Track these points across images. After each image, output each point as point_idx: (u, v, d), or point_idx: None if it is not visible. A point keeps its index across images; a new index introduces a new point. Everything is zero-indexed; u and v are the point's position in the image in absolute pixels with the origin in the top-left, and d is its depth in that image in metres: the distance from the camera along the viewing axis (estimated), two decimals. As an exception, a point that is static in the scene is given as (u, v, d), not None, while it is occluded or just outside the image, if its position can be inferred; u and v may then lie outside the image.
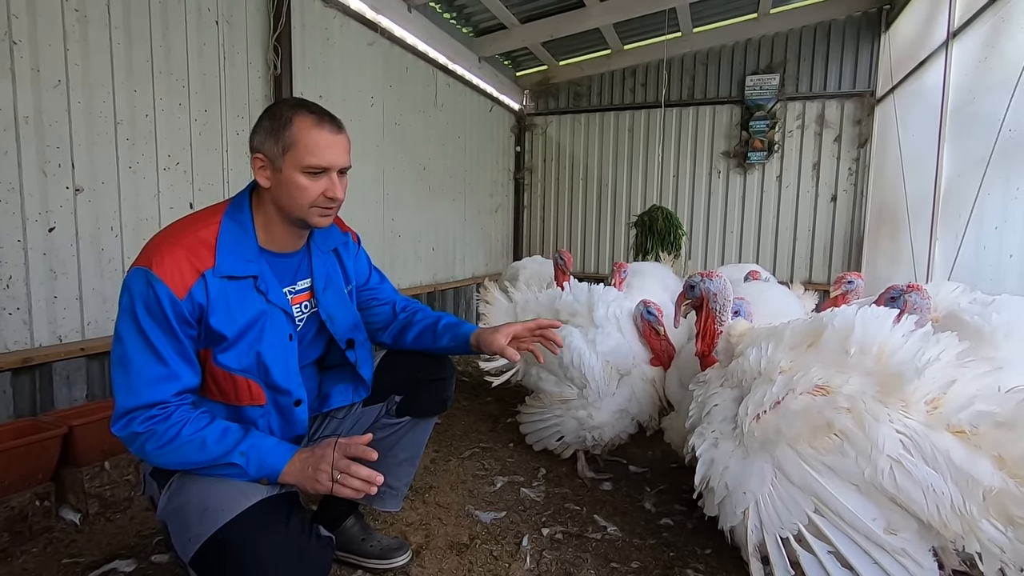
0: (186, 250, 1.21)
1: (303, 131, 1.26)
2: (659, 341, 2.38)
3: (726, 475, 1.47)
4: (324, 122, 1.29)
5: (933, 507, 1.18)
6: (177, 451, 1.17)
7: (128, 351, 1.18)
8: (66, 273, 2.37)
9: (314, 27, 3.61)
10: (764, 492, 1.39)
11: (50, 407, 2.32)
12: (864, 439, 1.25)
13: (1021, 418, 1.16)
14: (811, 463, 1.33)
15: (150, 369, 1.18)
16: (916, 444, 1.22)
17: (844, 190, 5.74)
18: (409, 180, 4.77)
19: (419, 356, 1.67)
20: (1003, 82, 2.94)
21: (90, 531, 1.97)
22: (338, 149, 1.30)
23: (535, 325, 1.60)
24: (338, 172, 1.32)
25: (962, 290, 2.33)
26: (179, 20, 2.77)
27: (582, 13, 5.27)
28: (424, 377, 1.64)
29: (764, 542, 1.38)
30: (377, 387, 1.62)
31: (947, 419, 1.24)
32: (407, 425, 1.67)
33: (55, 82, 2.29)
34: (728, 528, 1.51)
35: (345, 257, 1.58)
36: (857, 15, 5.52)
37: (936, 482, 1.18)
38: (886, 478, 1.22)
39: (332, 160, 1.29)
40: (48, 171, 2.29)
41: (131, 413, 1.17)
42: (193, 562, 1.13)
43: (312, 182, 1.28)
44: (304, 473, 1.19)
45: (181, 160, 2.82)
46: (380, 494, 1.74)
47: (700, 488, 1.57)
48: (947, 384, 1.27)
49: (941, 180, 3.73)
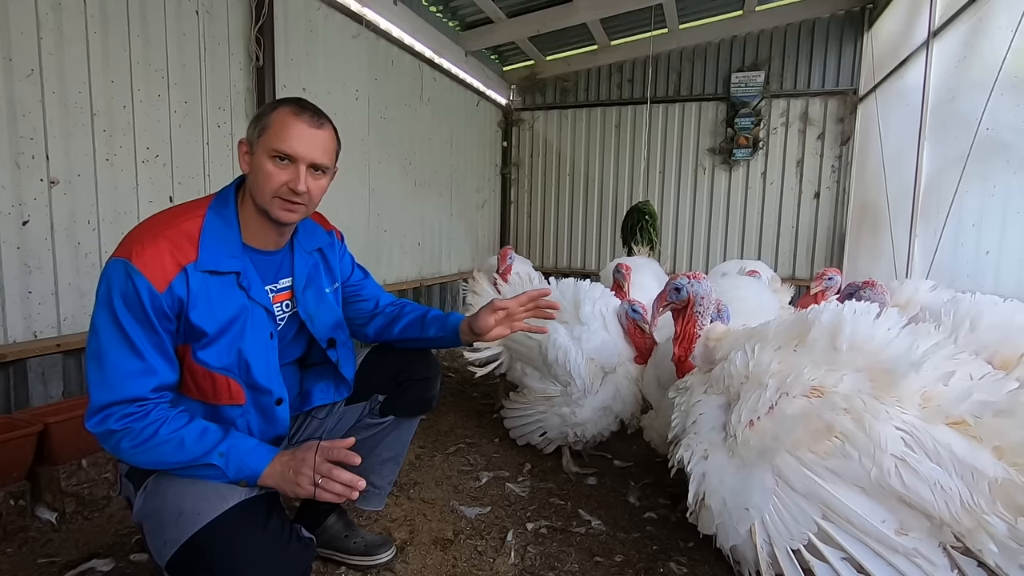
0: (168, 242, 1.19)
1: (279, 116, 1.25)
2: (644, 339, 2.39)
3: (722, 490, 1.40)
4: (303, 113, 1.26)
5: (943, 503, 1.15)
6: (154, 450, 1.14)
7: (104, 344, 1.14)
8: (41, 268, 2.32)
9: (297, 19, 3.56)
10: (769, 505, 1.32)
11: (25, 404, 2.26)
12: (866, 440, 1.22)
13: (1017, 405, 1.16)
14: (814, 469, 1.29)
15: (126, 363, 1.14)
16: (918, 440, 1.19)
17: (827, 187, 5.81)
18: (395, 175, 4.73)
19: (403, 354, 1.65)
20: (981, 82, 2.99)
21: (67, 530, 1.93)
22: (309, 141, 1.25)
23: (526, 298, 1.55)
24: (311, 168, 1.28)
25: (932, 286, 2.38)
26: (158, 10, 2.71)
27: (569, 8, 5.26)
28: (408, 376, 1.61)
29: (775, 557, 1.33)
30: (360, 385, 1.60)
31: (945, 411, 1.21)
32: (391, 424, 1.65)
33: (28, 71, 2.23)
34: (728, 547, 1.43)
35: (330, 257, 1.56)
36: (841, 14, 5.58)
37: (942, 477, 1.16)
38: (893, 478, 1.19)
39: (299, 150, 1.24)
40: (21, 163, 2.23)
41: (107, 409, 1.14)
42: (169, 567, 1.10)
43: (277, 169, 1.24)
44: (285, 476, 1.17)
45: (160, 153, 2.77)
46: (364, 493, 1.72)
47: (694, 507, 1.49)
48: (942, 376, 1.24)
49: (921, 178, 3.78)
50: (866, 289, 2.01)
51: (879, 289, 2.00)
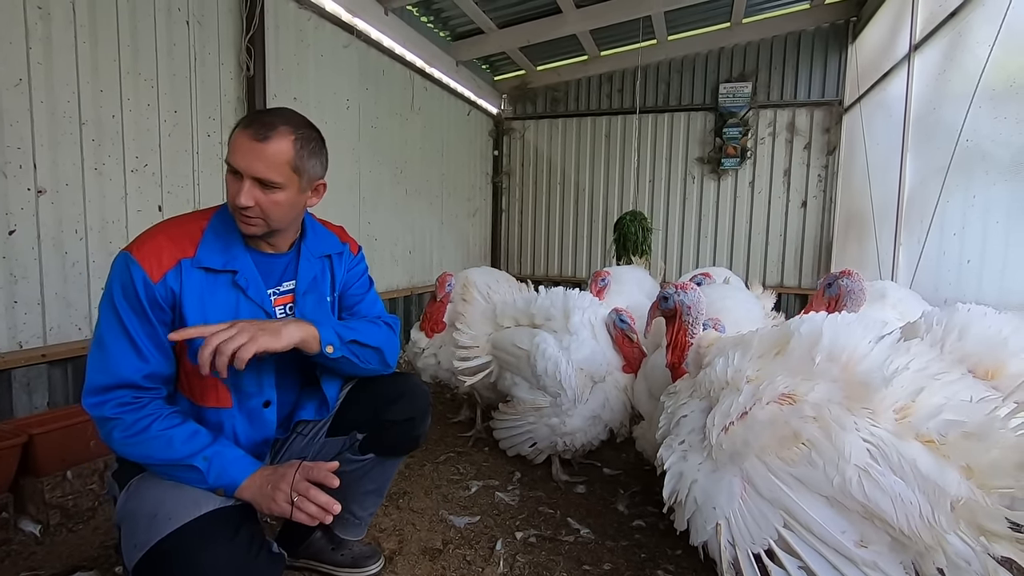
0: (169, 238, 1.26)
1: (235, 130, 1.27)
2: (632, 348, 2.40)
3: (695, 489, 1.43)
4: (251, 127, 1.25)
5: (903, 517, 1.16)
6: (143, 444, 1.17)
7: (102, 330, 1.23)
8: (27, 277, 2.30)
9: (288, 28, 3.57)
10: (734, 507, 1.35)
11: (9, 415, 2.24)
12: (831, 448, 1.23)
13: (990, 429, 1.14)
14: (780, 475, 1.30)
15: (120, 349, 1.20)
16: (883, 453, 1.19)
17: (814, 196, 5.89)
18: (386, 183, 4.74)
19: (385, 389, 1.55)
20: (961, 93, 3.06)
21: (51, 543, 1.91)
22: (249, 154, 1.22)
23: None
24: (257, 182, 1.24)
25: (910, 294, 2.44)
26: (147, 20, 2.72)
27: (559, 19, 5.31)
28: (389, 417, 1.51)
29: (737, 558, 1.34)
30: (339, 419, 1.54)
31: (916, 428, 1.21)
32: (372, 461, 1.57)
33: (16, 81, 2.23)
34: (700, 543, 1.46)
35: (336, 266, 1.55)
36: (825, 26, 5.68)
37: (904, 491, 1.16)
38: (855, 487, 1.20)
39: (240, 163, 1.23)
40: (8, 172, 2.22)
41: (102, 393, 1.19)
42: (136, 570, 1.10)
43: (231, 180, 1.27)
44: (263, 491, 1.18)
45: (149, 162, 2.76)
46: (343, 522, 1.72)
47: (669, 503, 1.52)
48: (915, 392, 1.25)
49: (904, 187, 3.85)
50: (843, 278, 2.06)
51: (855, 278, 2.05)
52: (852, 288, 2.03)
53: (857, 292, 2.02)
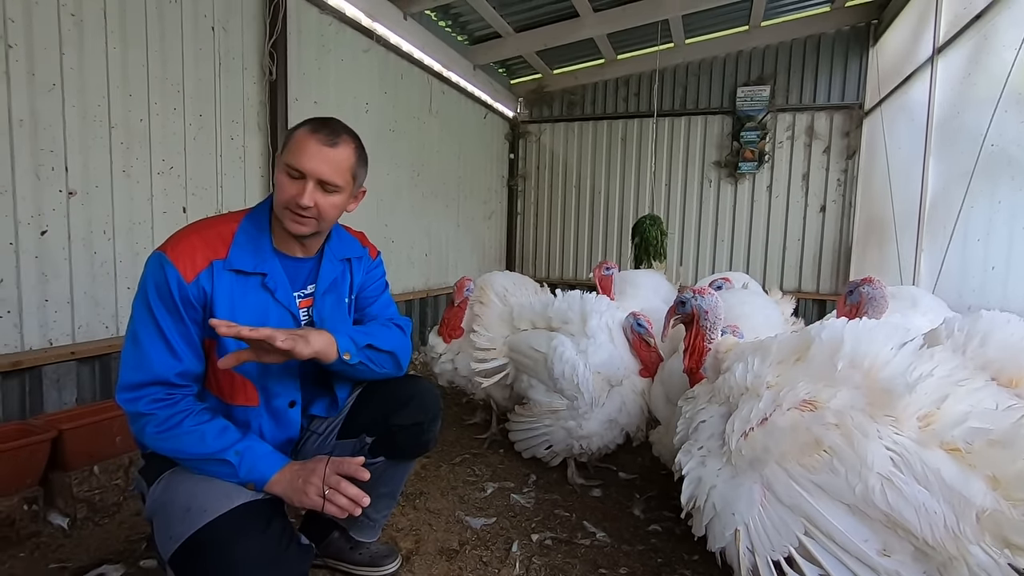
0: (202, 239, 1.29)
1: (298, 134, 1.32)
2: (649, 353, 2.40)
3: (713, 495, 1.41)
4: (319, 131, 1.31)
5: (927, 527, 1.13)
6: (176, 439, 1.21)
7: (137, 327, 1.26)
8: (58, 276, 2.37)
9: (310, 34, 3.63)
10: (754, 514, 1.33)
11: (39, 410, 2.30)
12: (853, 456, 1.21)
13: (1016, 437, 1.11)
14: (801, 482, 1.28)
15: (154, 347, 1.23)
16: (906, 461, 1.18)
17: (833, 200, 5.82)
18: (403, 186, 4.78)
19: (393, 393, 1.56)
20: (986, 97, 3.01)
21: (78, 536, 1.96)
22: (319, 158, 1.29)
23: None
24: (319, 184, 1.30)
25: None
26: (175, 26, 2.79)
27: (576, 23, 5.33)
28: (398, 422, 1.52)
29: (756, 565, 1.33)
30: (348, 422, 1.56)
31: (940, 436, 1.19)
32: (383, 464, 1.58)
33: (50, 86, 2.30)
34: (717, 549, 1.44)
35: (356, 269, 1.59)
36: (846, 29, 5.62)
37: (928, 501, 1.14)
38: (878, 495, 1.18)
39: (307, 165, 1.28)
40: (41, 174, 2.29)
41: (136, 389, 1.22)
42: (172, 562, 1.14)
43: (287, 182, 1.30)
44: (294, 485, 1.21)
45: (175, 164, 2.82)
46: (358, 523, 1.74)
47: (687, 508, 1.51)
48: (940, 399, 1.22)
49: (927, 192, 3.79)
50: (865, 285, 2.04)
51: (877, 285, 2.03)
52: (873, 295, 2.01)
53: (879, 299, 2.01)
